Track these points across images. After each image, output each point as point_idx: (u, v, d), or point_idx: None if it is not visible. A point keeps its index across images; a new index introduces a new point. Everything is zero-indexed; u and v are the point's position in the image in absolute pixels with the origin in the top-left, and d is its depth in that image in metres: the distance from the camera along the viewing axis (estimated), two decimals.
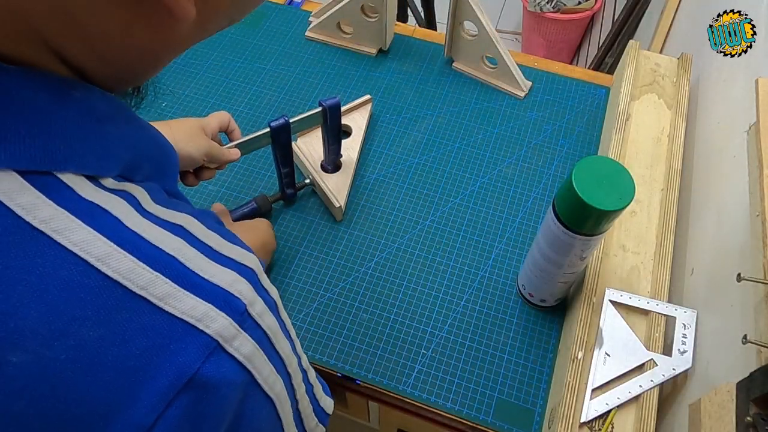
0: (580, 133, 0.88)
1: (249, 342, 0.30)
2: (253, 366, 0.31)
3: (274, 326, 0.33)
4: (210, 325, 0.28)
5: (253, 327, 0.31)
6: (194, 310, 0.28)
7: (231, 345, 0.29)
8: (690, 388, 0.58)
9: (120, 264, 0.27)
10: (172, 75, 0.95)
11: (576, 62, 2.14)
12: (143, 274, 0.27)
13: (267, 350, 0.32)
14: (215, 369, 0.28)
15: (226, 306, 0.29)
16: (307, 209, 0.81)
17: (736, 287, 0.52)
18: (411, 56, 0.98)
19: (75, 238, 0.26)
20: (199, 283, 0.29)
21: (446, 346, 0.70)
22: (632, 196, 0.52)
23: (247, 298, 0.30)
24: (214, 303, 0.29)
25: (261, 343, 0.31)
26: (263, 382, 0.32)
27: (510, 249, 0.77)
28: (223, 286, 0.30)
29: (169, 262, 0.29)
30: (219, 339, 0.28)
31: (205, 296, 0.29)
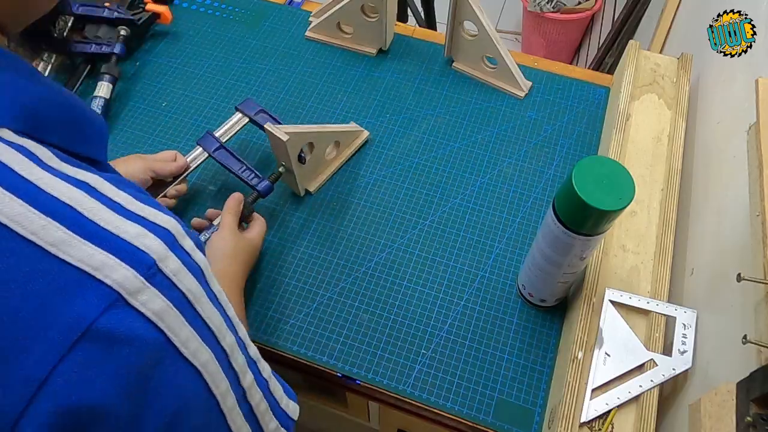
0: (580, 133, 0.88)
1: (159, 298, 0.29)
2: (166, 325, 0.29)
3: (196, 290, 0.31)
4: (109, 275, 0.27)
5: (167, 285, 0.29)
6: (91, 258, 0.27)
7: (136, 299, 0.28)
8: (690, 388, 0.58)
9: (9, 208, 0.26)
10: (172, 75, 0.95)
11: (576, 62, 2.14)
12: (34, 220, 0.26)
13: (186, 313, 0.30)
14: (117, 321, 0.27)
15: (130, 258, 0.28)
16: (307, 209, 0.81)
17: (736, 287, 0.52)
18: (411, 56, 0.98)
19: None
20: (98, 232, 0.28)
21: (446, 346, 0.70)
22: (632, 196, 0.52)
23: (156, 254, 0.29)
24: (115, 253, 0.27)
25: (178, 304, 0.30)
26: (182, 346, 0.30)
27: (510, 249, 0.77)
28: (126, 238, 0.28)
29: (65, 211, 0.27)
30: (121, 290, 0.27)
31: (104, 246, 0.27)
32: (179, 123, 0.90)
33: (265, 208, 0.81)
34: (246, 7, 1.05)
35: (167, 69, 0.96)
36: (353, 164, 0.85)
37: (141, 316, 0.28)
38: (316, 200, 0.81)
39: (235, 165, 0.76)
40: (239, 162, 0.76)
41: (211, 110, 0.91)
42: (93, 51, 0.91)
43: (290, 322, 0.71)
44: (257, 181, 0.75)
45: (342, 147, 0.84)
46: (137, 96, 0.93)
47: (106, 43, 0.91)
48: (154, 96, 0.93)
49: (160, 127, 0.89)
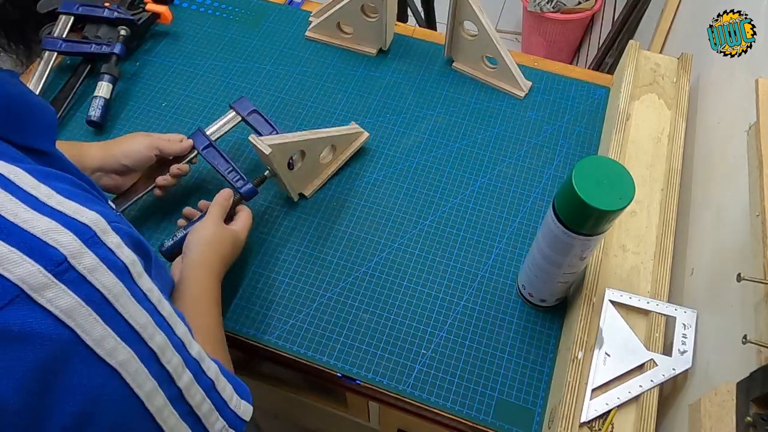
0: (580, 133, 0.88)
1: (68, 296, 0.28)
2: (75, 323, 0.28)
3: (116, 288, 0.30)
4: (11, 269, 0.26)
5: (77, 281, 0.29)
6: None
7: (42, 295, 0.27)
8: (690, 388, 0.58)
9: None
10: (172, 75, 0.95)
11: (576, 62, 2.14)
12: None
13: (102, 311, 0.30)
14: (16, 318, 0.26)
15: (36, 253, 0.27)
16: (306, 210, 0.81)
17: (736, 287, 0.52)
18: (411, 56, 0.98)
19: None
20: (4, 226, 0.27)
21: (446, 346, 0.70)
22: (632, 196, 0.52)
23: (68, 249, 0.28)
24: (19, 248, 0.27)
25: (91, 301, 0.29)
26: (95, 345, 0.29)
27: (510, 249, 0.77)
28: (34, 232, 0.28)
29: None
30: (23, 286, 0.26)
31: (8, 240, 0.27)
32: (179, 123, 0.90)
33: (266, 207, 0.81)
34: (246, 7, 1.05)
35: (167, 69, 0.96)
36: (353, 164, 0.85)
37: (46, 312, 0.27)
38: (315, 200, 0.81)
39: (222, 165, 0.76)
40: (227, 162, 0.76)
41: (211, 110, 0.91)
42: (93, 51, 0.91)
43: (290, 322, 0.71)
44: (241, 184, 0.74)
45: (339, 150, 0.83)
46: (137, 96, 0.93)
47: (106, 43, 0.91)
48: (154, 96, 0.93)
49: (160, 127, 0.89)
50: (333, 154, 0.83)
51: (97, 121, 0.86)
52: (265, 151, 0.69)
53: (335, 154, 0.83)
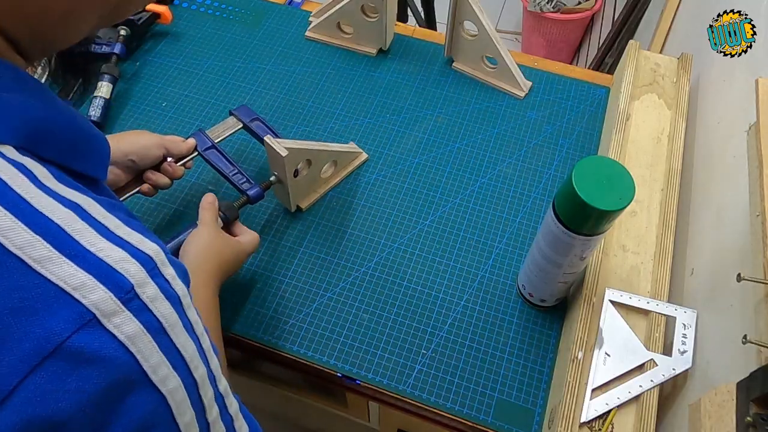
0: (580, 133, 0.88)
1: (133, 323, 0.29)
2: (137, 349, 0.29)
3: (171, 318, 0.32)
4: (87, 295, 0.28)
5: (142, 310, 0.30)
6: (72, 278, 0.28)
7: (110, 321, 0.28)
8: (690, 388, 0.58)
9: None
10: (172, 75, 0.95)
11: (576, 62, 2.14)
12: (22, 235, 0.27)
13: (159, 339, 0.31)
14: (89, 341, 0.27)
15: (109, 280, 0.28)
16: (307, 210, 0.81)
17: (736, 287, 0.52)
18: (411, 56, 0.98)
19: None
20: (82, 253, 0.28)
21: (446, 346, 0.70)
22: (632, 196, 0.52)
23: (135, 279, 0.30)
24: (95, 275, 0.28)
25: (151, 330, 0.30)
26: (151, 372, 0.30)
27: (510, 249, 0.77)
28: (108, 261, 0.29)
29: (53, 229, 0.28)
30: (96, 311, 0.28)
31: (86, 267, 0.28)
32: (179, 123, 0.90)
33: (266, 207, 0.81)
34: (246, 7, 1.05)
35: (167, 69, 0.96)
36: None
37: (113, 338, 0.28)
38: (315, 201, 0.81)
39: (226, 167, 0.74)
40: (231, 164, 0.74)
41: (211, 110, 0.91)
42: (93, 51, 0.91)
43: (290, 322, 0.71)
44: (248, 186, 0.73)
45: (339, 167, 0.83)
46: (137, 96, 0.93)
47: (106, 43, 0.91)
48: (154, 96, 0.93)
49: (160, 128, 0.89)
50: (333, 170, 0.83)
51: (97, 121, 0.86)
52: (281, 153, 0.68)
53: (335, 169, 0.83)
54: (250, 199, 0.73)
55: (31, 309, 0.26)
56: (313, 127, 0.89)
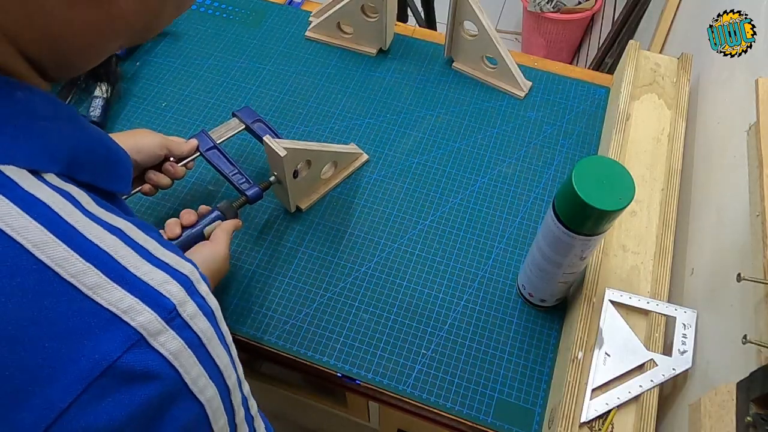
0: (580, 133, 0.88)
1: (176, 340, 0.31)
2: (180, 364, 0.31)
3: (208, 332, 0.34)
4: (135, 318, 0.29)
5: (183, 327, 0.32)
6: (121, 302, 0.29)
7: (156, 340, 0.30)
8: (690, 388, 0.58)
9: (54, 251, 0.28)
10: (172, 75, 0.95)
11: (576, 62, 2.14)
12: (75, 264, 0.29)
13: (198, 353, 0.33)
14: (137, 360, 0.29)
15: (154, 303, 0.30)
16: (307, 210, 0.81)
17: (736, 287, 0.52)
18: (411, 56, 0.98)
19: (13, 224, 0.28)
20: (129, 278, 0.30)
21: (446, 346, 0.70)
22: (632, 196, 0.52)
23: (176, 299, 0.32)
24: (141, 298, 0.30)
25: (191, 345, 0.32)
26: (192, 384, 0.33)
27: (510, 249, 0.77)
28: (152, 284, 0.31)
29: (102, 256, 0.30)
30: (143, 332, 0.30)
31: (133, 291, 0.30)
32: (179, 123, 0.90)
33: (266, 208, 0.81)
34: (246, 7, 1.05)
35: (167, 69, 0.96)
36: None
37: (159, 355, 0.30)
38: (315, 201, 0.81)
39: (226, 167, 0.75)
40: (231, 165, 0.75)
41: (211, 110, 0.91)
42: None
43: (290, 322, 0.71)
44: (247, 186, 0.73)
45: (339, 167, 0.83)
46: (137, 96, 0.93)
47: None
48: (154, 96, 0.93)
49: (160, 128, 0.89)
50: (333, 171, 0.83)
51: (97, 121, 0.86)
52: (279, 153, 0.68)
53: (335, 170, 0.83)
54: (248, 199, 0.73)
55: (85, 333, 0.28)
56: (313, 127, 0.89)
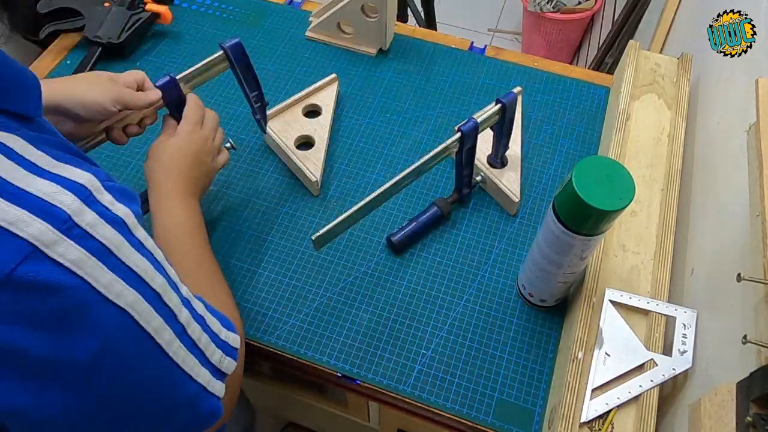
0: (580, 133, 0.88)
1: (76, 249, 0.32)
2: (85, 273, 0.32)
3: (116, 239, 0.35)
4: (24, 229, 0.30)
5: (83, 236, 0.32)
6: (5, 214, 0.30)
7: (53, 250, 0.31)
8: (690, 388, 0.58)
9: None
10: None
11: (576, 62, 2.14)
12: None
13: (106, 260, 0.34)
14: (33, 271, 0.30)
15: (44, 213, 0.31)
16: (307, 210, 0.81)
17: (736, 287, 0.52)
18: (411, 56, 0.98)
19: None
20: (13, 191, 0.31)
21: (446, 346, 0.70)
22: (632, 196, 0.52)
23: (71, 209, 0.32)
24: (29, 209, 0.30)
25: (96, 253, 0.33)
26: (105, 290, 0.33)
27: (510, 249, 0.77)
28: (40, 196, 0.31)
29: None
30: (37, 243, 0.30)
31: (18, 203, 0.30)
32: None
33: (265, 208, 0.81)
34: (246, 7, 1.05)
35: (167, 69, 0.96)
36: (353, 164, 0.85)
37: (58, 265, 0.31)
38: (316, 200, 0.81)
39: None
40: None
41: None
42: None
43: (290, 322, 0.71)
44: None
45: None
46: None
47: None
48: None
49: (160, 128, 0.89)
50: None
51: None
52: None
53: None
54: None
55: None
56: None
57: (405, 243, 0.75)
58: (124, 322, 0.35)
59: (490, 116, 0.71)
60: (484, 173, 0.80)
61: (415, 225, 0.76)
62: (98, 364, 0.34)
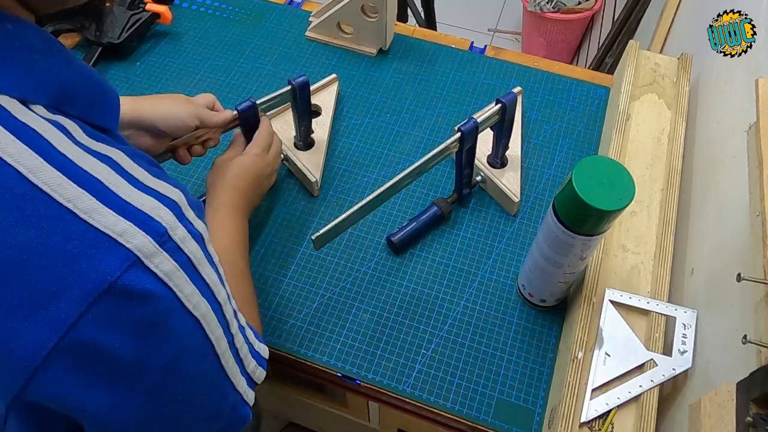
0: (580, 133, 0.88)
1: (169, 262, 0.34)
2: (174, 284, 0.34)
3: (198, 254, 0.37)
4: (130, 240, 0.32)
5: (175, 250, 0.34)
6: (115, 225, 0.32)
7: (151, 261, 0.33)
8: (690, 388, 0.58)
9: (49, 177, 0.30)
10: (172, 75, 0.95)
11: (576, 62, 2.14)
12: (70, 189, 0.31)
13: (190, 273, 0.36)
14: (134, 280, 0.32)
15: (146, 227, 0.33)
16: (307, 209, 0.81)
17: (736, 287, 0.52)
18: (411, 56, 0.98)
19: (9, 150, 0.30)
20: (122, 204, 0.33)
21: (446, 346, 0.70)
22: (632, 196, 0.52)
23: (167, 223, 0.34)
24: (134, 222, 0.32)
25: (183, 266, 0.35)
26: (186, 301, 0.35)
27: (510, 249, 0.77)
28: (144, 209, 0.33)
29: (94, 183, 0.32)
30: (139, 254, 0.32)
31: (126, 216, 0.32)
32: None
33: (266, 207, 0.81)
34: (246, 7, 1.05)
35: (167, 69, 0.96)
36: (353, 164, 0.85)
37: (154, 276, 0.33)
38: (316, 200, 0.81)
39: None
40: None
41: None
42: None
43: (290, 322, 0.71)
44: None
45: None
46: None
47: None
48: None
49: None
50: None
51: None
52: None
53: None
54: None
55: (85, 255, 0.30)
56: None
57: (405, 243, 0.75)
58: (196, 330, 0.37)
59: (490, 116, 0.71)
60: (484, 173, 0.80)
61: (415, 225, 0.76)
62: (170, 369, 0.36)
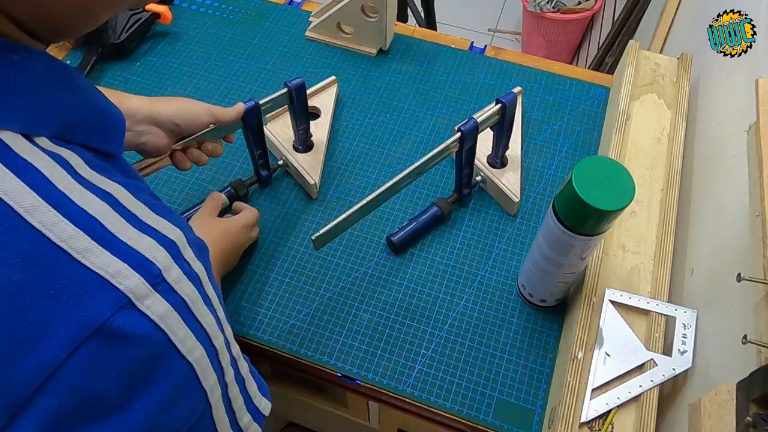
0: (580, 133, 0.88)
1: (162, 303, 0.33)
2: (166, 326, 0.33)
3: (193, 295, 0.36)
4: (123, 282, 0.31)
5: (169, 291, 0.33)
6: (109, 266, 0.31)
7: (143, 303, 0.32)
8: (690, 388, 0.58)
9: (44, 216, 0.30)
10: (172, 75, 0.95)
11: (576, 62, 2.14)
12: (65, 229, 0.30)
13: (184, 315, 0.35)
14: (125, 322, 0.31)
15: (140, 267, 0.32)
16: (307, 209, 0.81)
17: (736, 287, 0.52)
18: (411, 56, 0.98)
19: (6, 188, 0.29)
20: (117, 244, 0.32)
21: (446, 346, 0.70)
22: (632, 196, 0.52)
23: (162, 264, 0.33)
24: (128, 263, 0.32)
25: (177, 308, 0.34)
26: (179, 344, 0.34)
27: (510, 249, 0.77)
28: (139, 249, 0.33)
29: (91, 222, 0.31)
30: (130, 295, 0.31)
31: (120, 256, 0.32)
32: None
33: (266, 207, 0.81)
34: (246, 7, 1.05)
35: (167, 69, 0.96)
36: (353, 164, 0.85)
37: (146, 318, 0.32)
38: (315, 200, 0.81)
39: (256, 148, 0.77)
40: (261, 146, 0.77)
41: None
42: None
43: (290, 322, 0.71)
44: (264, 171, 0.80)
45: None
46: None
47: None
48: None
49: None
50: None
51: None
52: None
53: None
54: (260, 179, 0.80)
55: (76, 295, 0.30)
56: None
57: (405, 243, 0.75)
58: (189, 375, 0.36)
59: (490, 116, 0.71)
60: (484, 173, 0.80)
61: (415, 225, 0.76)
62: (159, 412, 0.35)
